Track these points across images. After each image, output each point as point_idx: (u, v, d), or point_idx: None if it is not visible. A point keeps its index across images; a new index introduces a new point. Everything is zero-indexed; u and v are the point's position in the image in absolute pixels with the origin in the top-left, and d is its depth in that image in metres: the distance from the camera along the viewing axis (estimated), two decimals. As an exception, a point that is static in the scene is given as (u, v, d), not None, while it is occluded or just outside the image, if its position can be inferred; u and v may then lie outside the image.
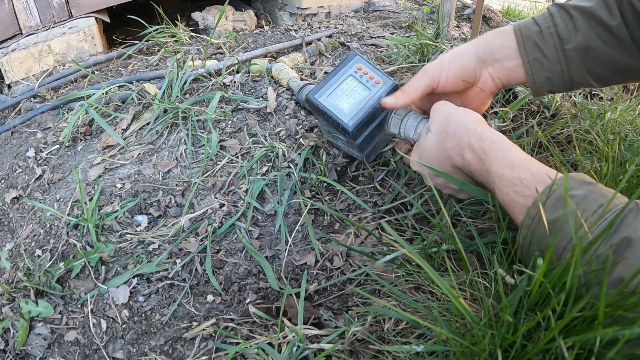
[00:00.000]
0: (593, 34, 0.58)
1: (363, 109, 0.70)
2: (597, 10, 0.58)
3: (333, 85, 0.71)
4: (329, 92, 0.71)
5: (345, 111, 0.69)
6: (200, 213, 0.77)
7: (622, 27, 0.57)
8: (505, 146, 0.52)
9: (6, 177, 0.97)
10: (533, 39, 0.61)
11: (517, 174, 0.49)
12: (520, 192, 0.49)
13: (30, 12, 1.29)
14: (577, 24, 0.59)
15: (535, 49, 0.61)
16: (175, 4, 2.17)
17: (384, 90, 0.71)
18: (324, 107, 0.70)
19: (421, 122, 0.68)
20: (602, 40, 0.58)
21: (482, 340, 0.40)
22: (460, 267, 0.59)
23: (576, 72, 0.61)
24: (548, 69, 0.61)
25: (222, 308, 0.66)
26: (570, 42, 0.59)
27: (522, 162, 0.50)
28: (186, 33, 1.31)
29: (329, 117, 0.70)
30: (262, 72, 1.05)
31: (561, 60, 0.60)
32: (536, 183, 0.48)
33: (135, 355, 0.62)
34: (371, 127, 0.71)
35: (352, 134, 0.69)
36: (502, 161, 0.51)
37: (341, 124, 0.69)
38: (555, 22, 0.60)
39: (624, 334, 0.32)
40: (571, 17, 0.59)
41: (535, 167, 0.49)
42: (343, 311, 0.63)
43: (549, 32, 0.60)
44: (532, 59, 0.61)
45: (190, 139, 0.88)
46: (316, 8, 1.74)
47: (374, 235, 0.67)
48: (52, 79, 1.23)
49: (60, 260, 0.74)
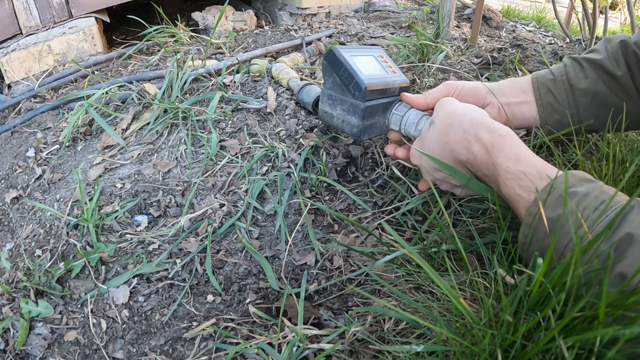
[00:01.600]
0: (600, 82, 0.65)
1: (379, 79, 0.71)
2: (605, 61, 0.65)
3: (357, 53, 0.73)
4: (352, 53, 0.72)
5: (363, 72, 0.70)
6: (200, 213, 0.77)
7: (627, 77, 0.64)
8: (512, 140, 0.53)
9: (6, 177, 0.97)
10: (547, 85, 0.68)
11: (522, 168, 0.50)
12: (524, 187, 0.50)
13: (30, 12, 1.29)
14: (586, 73, 0.66)
15: (548, 93, 0.68)
16: (175, 4, 2.17)
17: (399, 79, 0.73)
18: (345, 60, 0.70)
19: (422, 119, 0.68)
20: (608, 87, 0.65)
21: (482, 340, 0.40)
22: (460, 267, 0.59)
23: (584, 115, 0.67)
24: (559, 112, 0.67)
25: (222, 308, 0.66)
26: (580, 87, 0.66)
27: (527, 157, 0.51)
28: (186, 33, 1.31)
29: (345, 71, 0.70)
30: (262, 72, 1.05)
31: (571, 104, 0.67)
32: (540, 179, 0.49)
33: (135, 355, 0.62)
34: (379, 100, 0.72)
35: (365, 91, 0.68)
36: (508, 154, 0.52)
37: (357, 79, 0.69)
38: (567, 71, 0.68)
39: (624, 334, 0.32)
40: (582, 67, 0.67)
41: (540, 163, 0.50)
42: (343, 311, 0.63)
43: (562, 79, 0.67)
44: (545, 102, 0.68)
45: (190, 139, 0.88)
46: (316, 8, 1.74)
47: (374, 235, 0.67)
48: (52, 79, 1.23)
49: (60, 260, 0.74)
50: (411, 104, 0.72)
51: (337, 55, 0.70)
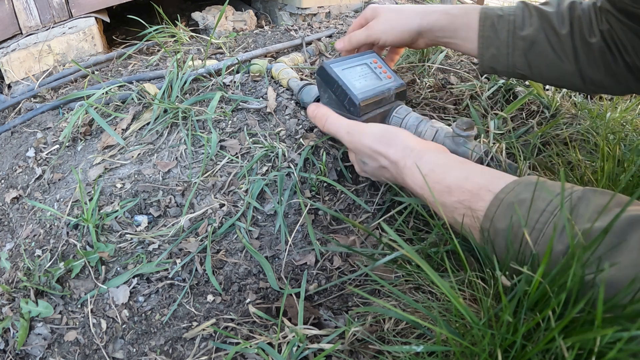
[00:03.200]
0: (542, 33, 0.67)
1: (373, 91, 0.70)
2: (552, 16, 0.67)
3: (348, 64, 0.73)
4: (343, 67, 0.72)
5: (356, 86, 0.70)
6: (200, 213, 0.77)
7: (568, 37, 0.66)
8: (439, 174, 0.53)
9: (6, 177, 0.97)
10: (493, 19, 0.70)
11: (457, 197, 0.51)
12: (463, 214, 0.50)
13: (30, 12, 1.29)
14: (532, 21, 0.68)
15: (491, 28, 0.70)
16: (175, 4, 2.17)
17: (394, 85, 0.72)
18: (336, 76, 0.69)
19: (422, 122, 0.68)
20: (548, 41, 0.67)
21: (482, 340, 0.40)
22: (459, 267, 0.59)
23: (518, 59, 0.69)
24: (496, 47, 0.70)
25: (222, 308, 0.66)
26: (521, 32, 0.68)
27: (459, 184, 0.51)
28: (186, 33, 1.31)
29: (338, 88, 0.69)
30: (262, 72, 1.05)
31: (509, 44, 0.69)
32: (477, 200, 0.49)
33: (135, 355, 0.62)
34: (376, 111, 0.71)
35: (359, 107, 0.68)
36: (439, 190, 0.52)
37: (350, 96, 0.68)
38: (516, 13, 0.69)
39: (624, 334, 0.32)
40: (530, 14, 0.69)
41: (471, 185, 0.50)
42: (343, 311, 0.63)
43: (508, 19, 0.69)
44: (485, 35, 0.70)
45: (190, 139, 0.88)
46: (316, 8, 1.74)
47: (373, 236, 0.67)
48: (52, 79, 1.23)
49: (60, 260, 0.74)
50: (340, 50, 0.80)
51: (329, 72, 0.70)
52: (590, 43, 0.65)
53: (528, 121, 0.95)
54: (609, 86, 0.68)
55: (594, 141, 0.83)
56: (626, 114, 0.92)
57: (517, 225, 0.44)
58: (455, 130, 0.66)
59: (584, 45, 0.66)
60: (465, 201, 0.50)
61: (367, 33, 0.77)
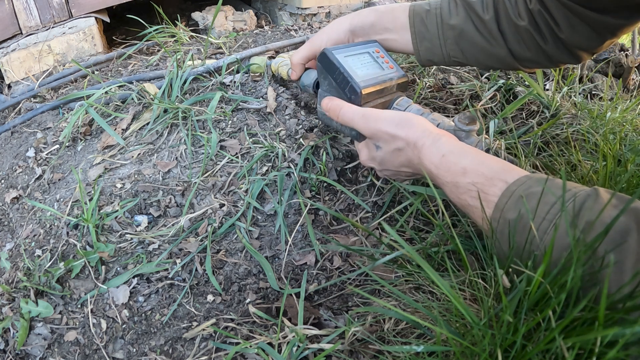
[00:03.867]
0: (469, 20, 0.71)
1: (375, 80, 0.70)
2: (476, 4, 0.71)
3: (351, 51, 0.72)
4: (346, 54, 0.71)
5: (358, 74, 0.69)
6: (200, 213, 0.77)
7: (494, 22, 0.70)
8: (456, 155, 0.55)
9: (6, 177, 0.97)
10: (421, 15, 0.73)
11: (471, 179, 0.52)
12: (476, 197, 0.51)
13: (30, 12, 1.29)
14: (458, 10, 0.72)
15: (421, 24, 0.73)
16: (175, 4, 2.17)
17: (395, 75, 0.72)
18: (338, 63, 0.68)
19: (423, 115, 0.68)
20: (476, 28, 0.71)
21: (482, 340, 0.40)
22: (460, 267, 0.59)
23: (451, 48, 0.73)
24: (429, 40, 0.73)
25: (222, 308, 0.66)
26: (449, 22, 0.72)
27: (474, 167, 0.52)
28: (186, 33, 1.31)
29: (339, 75, 0.68)
30: (262, 69, 1.05)
31: (440, 36, 0.73)
32: (490, 185, 0.50)
33: (135, 355, 0.62)
34: (377, 101, 0.71)
35: (360, 95, 0.67)
36: (455, 170, 0.53)
37: (351, 83, 0.68)
38: (442, 5, 0.73)
39: (624, 334, 0.32)
40: (456, 4, 0.72)
41: (486, 169, 0.51)
42: (343, 311, 0.63)
43: (435, 12, 0.73)
44: (417, 31, 0.74)
45: (190, 139, 0.88)
46: (316, 8, 1.74)
47: (374, 235, 0.67)
48: (52, 79, 1.23)
49: (60, 260, 0.74)
50: (293, 67, 0.81)
51: (331, 58, 0.69)
52: (518, 25, 0.68)
53: (528, 121, 0.95)
54: (542, 62, 0.73)
55: (594, 141, 0.83)
56: (626, 113, 0.92)
57: (526, 216, 0.44)
58: (457, 124, 0.65)
59: (510, 27, 0.69)
60: (479, 184, 0.51)
61: (309, 46, 0.79)
